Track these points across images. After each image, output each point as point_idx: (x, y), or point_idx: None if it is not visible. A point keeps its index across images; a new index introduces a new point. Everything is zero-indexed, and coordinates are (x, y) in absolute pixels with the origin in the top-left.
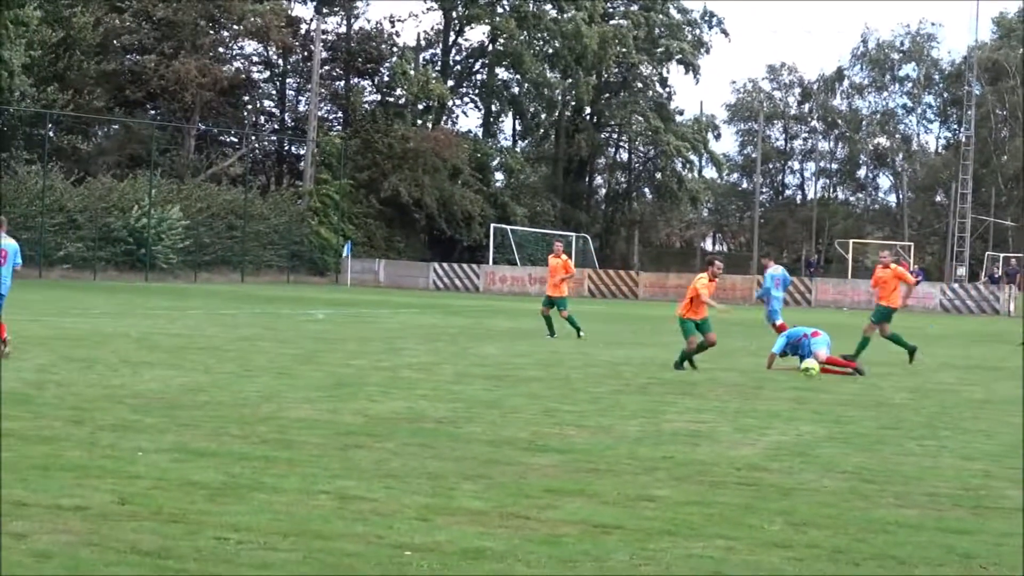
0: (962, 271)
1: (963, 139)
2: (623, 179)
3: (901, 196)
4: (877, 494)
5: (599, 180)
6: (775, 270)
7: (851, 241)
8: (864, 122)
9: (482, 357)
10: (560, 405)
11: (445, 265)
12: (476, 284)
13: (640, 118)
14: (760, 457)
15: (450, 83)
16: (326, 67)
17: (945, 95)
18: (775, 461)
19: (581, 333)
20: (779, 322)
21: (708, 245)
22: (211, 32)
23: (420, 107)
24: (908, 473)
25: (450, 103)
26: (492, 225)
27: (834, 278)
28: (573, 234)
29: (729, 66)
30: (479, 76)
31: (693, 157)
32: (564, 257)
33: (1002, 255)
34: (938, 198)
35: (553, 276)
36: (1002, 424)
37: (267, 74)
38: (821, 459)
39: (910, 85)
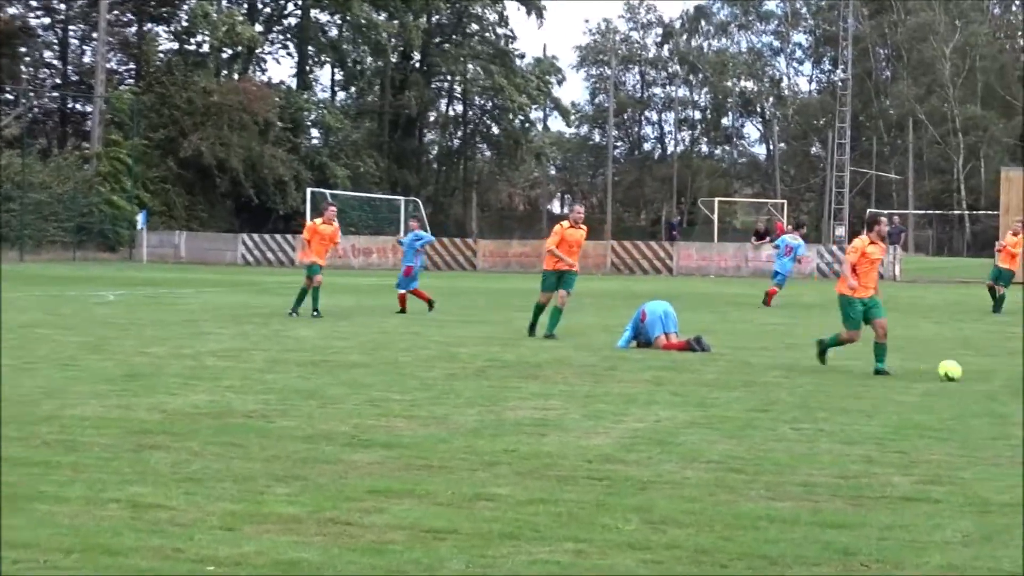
0: (841, 231)
1: (839, 81)
2: (458, 134)
3: (772, 147)
4: (746, 486)
5: (431, 136)
6: (795, 239)
7: (716, 200)
8: (729, 64)
9: (298, 341)
10: (387, 393)
11: (256, 237)
12: (292, 257)
13: (477, 68)
14: (614, 447)
15: (258, 27)
16: (114, 12)
17: (818, 32)
18: (631, 451)
19: (297, 312)
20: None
21: (556, 207)
22: None
23: (224, 55)
24: (780, 461)
25: (259, 49)
26: (309, 189)
27: (698, 242)
28: (402, 198)
29: (581, 5)
30: (292, 18)
31: (536, 108)
32: (336, 224)
33: (885, 212)
34: (813, 149)
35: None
36: (886, 402)
37: (47, 21)
38: (682, 447)
39: (776, 23)
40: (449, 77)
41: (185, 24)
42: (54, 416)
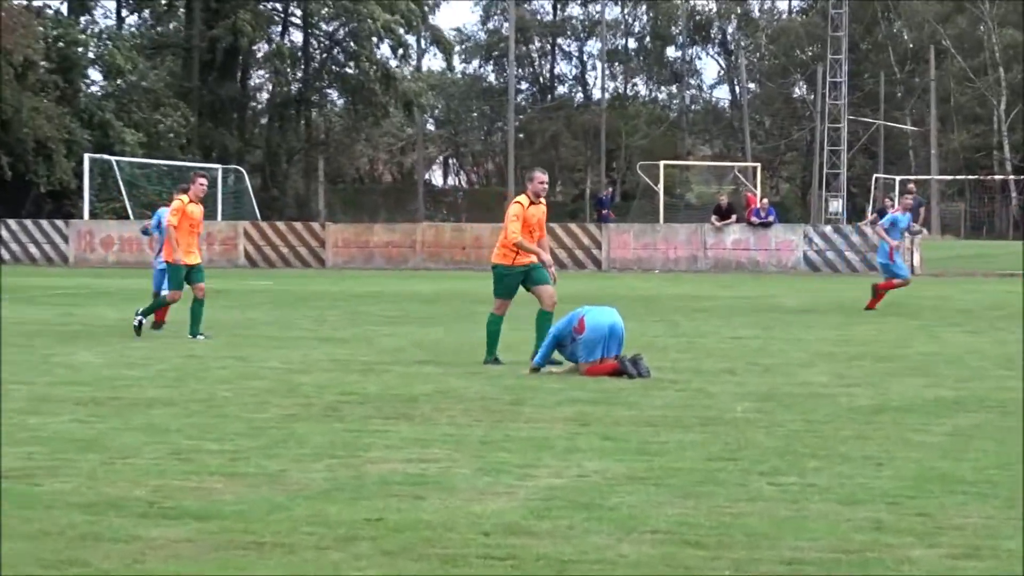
0: (837, 206)
1: None
2: (297, 76)
3: (738, 90)
4: (706, 564)
5: (258, 79)
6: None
7: (662, 164)
8: None
9: (74, 370)
10: (199, 442)
11: (13, 223)
12: (64, 252)
13: None
14: (521, 513)
15: None
16: None
17: None
18: (544, 518)
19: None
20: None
21: (437, 178)
22: None
23: None
24: (755, 529)
25: None
26: (87, 156)
27: (637, 223)
28: (218, 166)
29: None
30: None
31: (408, 33)
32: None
33: (898, 179)
34: (797, 91)
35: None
36: (900, 444)
37: None
38: (617, 512)
39: None
40: None
41: None
42: None
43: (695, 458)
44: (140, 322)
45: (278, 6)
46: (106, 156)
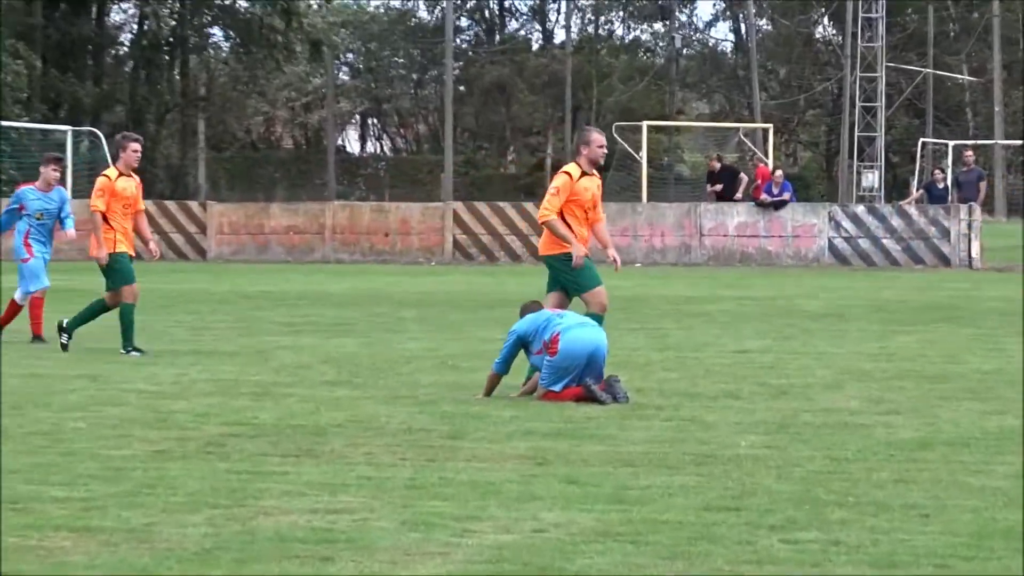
0: (872, 179)
1: None
2: (170, 12)
3: (743, 29)
4: None
5: (120, 15)
6: None
7: (644, 125)
8: None
9: None
10: (41, 487)
11: None
12: None
13: None
14: None
15: None
16: None
17: None
18: None
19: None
20: None
21: (351, 143)
22: None
23: None
24: None
25: None
26: None
27: (613, 203)
28: (67, 128)
29: None
30: None
31: None
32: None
33: (951, 144)
34: (820, 32)
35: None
36: (953, 489)
37: None
38: None
39: None
40: None
41: None
42: None
43: (686, 508)
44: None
45: None
46: None
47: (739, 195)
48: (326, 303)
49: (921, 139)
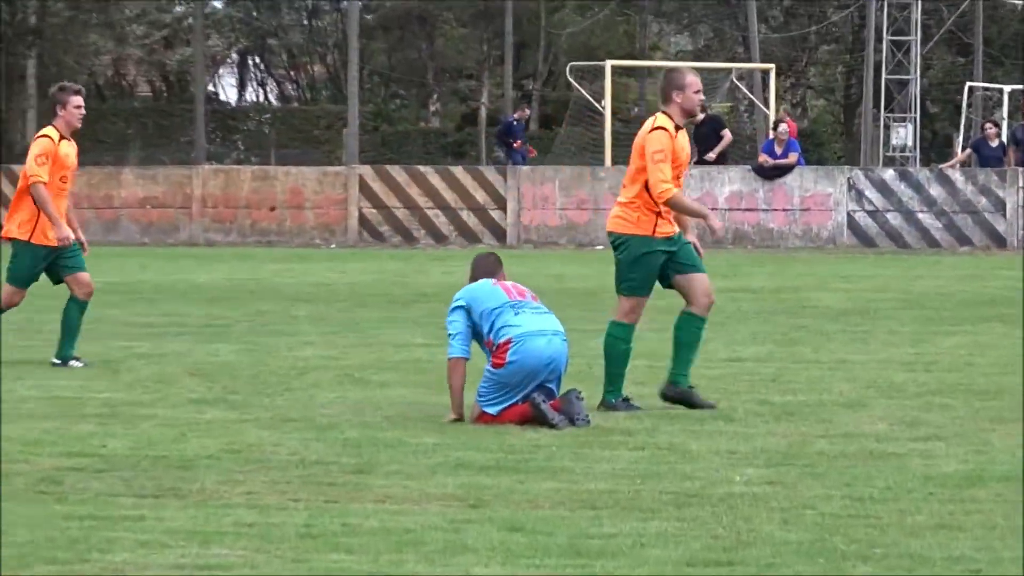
0: (904, 135)
1: None
2: None
3: None
4: None
5: None
6: None
7: (608, 65)
8: None
9: None
10: None
11: None
12: None
13: None
14: None
15: None
16: None
17: None
18: None
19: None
20: None
21: (226, 91)
22: None
23: None
24: None
25: None
26: None
27: (567, 166)
28: None
29: None
30: None
31: None
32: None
33: (1007, 89)
34: None
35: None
36: (1014, 538)
37: None
38: None
39: None
40: None
41: None
42: None
43: (663, 562)
44: None
45: None
46: None
47: (711, 155)
48: (194, 298)
49: (968, 83)
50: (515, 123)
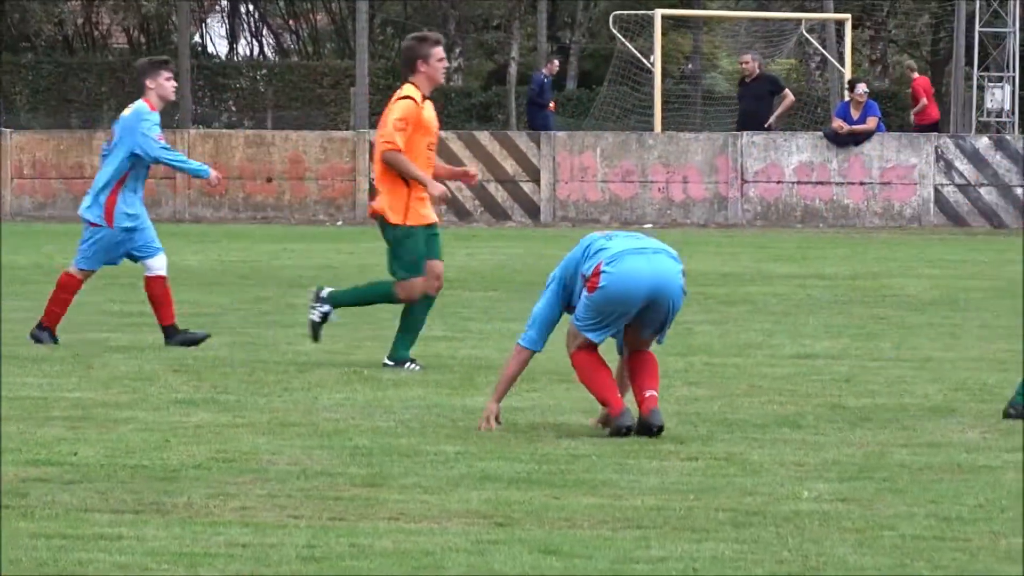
0: (1001, 97)
1: None
2: None
3: None
4: None
5: None
6: None
7: (658, 14)
8: None
9: None
10: None
11: None
12: None
13: None
14: None
15: None
16: None
17: None
18: None
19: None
20: None
21: (215, 42)
22: None
23: None
24: None
25: None
26: None
27: (609, 132)
28: None
29: None
30: None
31: None
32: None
33: None
34: None
35: None
36: None
37: None
38: None
39: None
40: None
41: None
42: None
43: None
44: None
45: None
46: None
47: (772, 121)
48: (179, 283)
49: None
50: (545, 80)
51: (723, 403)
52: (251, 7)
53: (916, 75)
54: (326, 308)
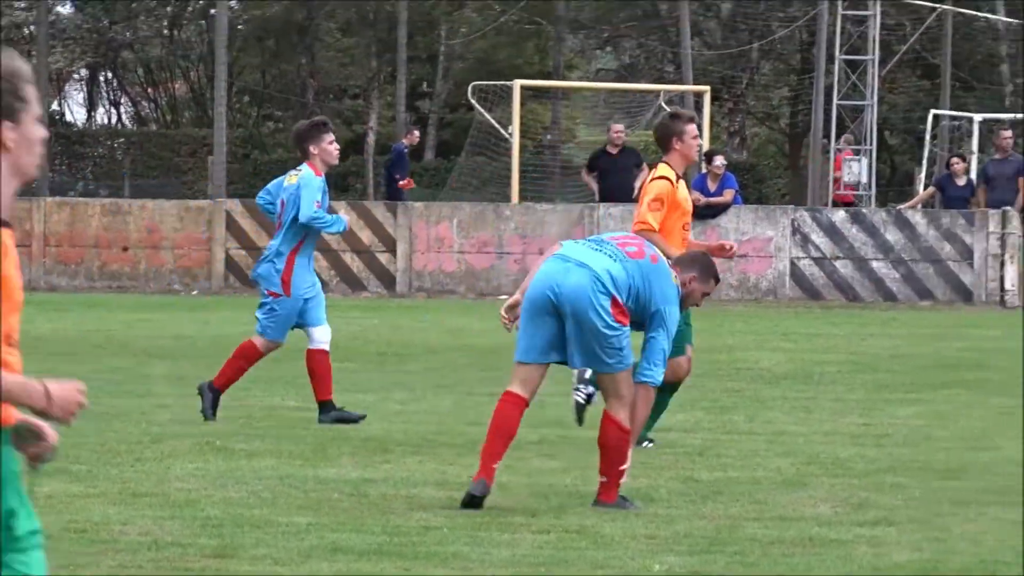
0: (858, 170)
1: None
2: None
3: None
4: None
5: None
6: None
7: (517, 85)
8: None
9: None
10: None
11: None
12: None
13: None
14: None
15: None
16: None
17: None
18: None
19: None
20: None
21: (73, 110)
22: None
23: None
24: None
25: None
26: None
27: (467, 202)
28: None
29: None
30: None
31: None
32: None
33: (977, 118)
34: None
35: None
36: None
37: None
38: None
39: None
40: None
41: None
42: None
43: None
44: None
45: None
46: None
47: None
48: (32, 352)
49: (933, 111)
50: (402, 150)
51: (576, 475)
52: (110, 75)
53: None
54: (591, 389)
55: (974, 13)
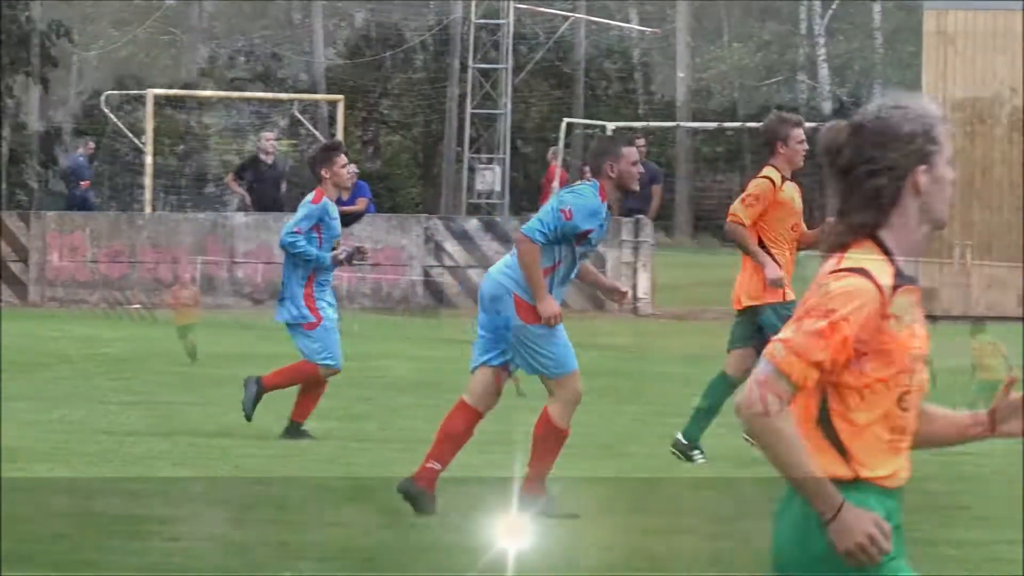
0: (491, 179)
1: None
2: None
3: None
4: None
5: None
6: None
7: (150, 93)
8: None
9: None
10: None
11: None
12: None
13: None
14: None
15: None
16: None
17: None
18: None
19: None
20: None
21: None
22: None
23: None
24: None
25: None
26: None
27: (104, 212)
28: None
29: None
30: None
31: None
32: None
33: (610, 126)
34: None
35: None
36: None
37: None
38: None
39: None
40: None
41: None
42: None
43: None
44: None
45: None
46: None
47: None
48: None
49: (566, 119)
50: (82, 159)
51: (207, 484)
52: None
53: (553, 163)
54: (695, 452)
55: (607, 22)
